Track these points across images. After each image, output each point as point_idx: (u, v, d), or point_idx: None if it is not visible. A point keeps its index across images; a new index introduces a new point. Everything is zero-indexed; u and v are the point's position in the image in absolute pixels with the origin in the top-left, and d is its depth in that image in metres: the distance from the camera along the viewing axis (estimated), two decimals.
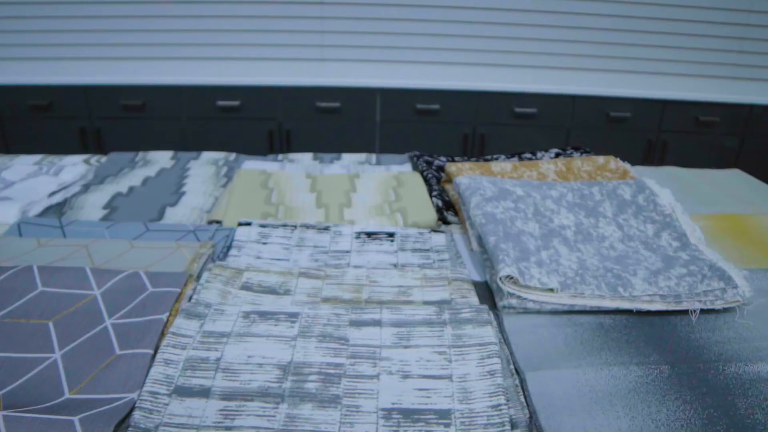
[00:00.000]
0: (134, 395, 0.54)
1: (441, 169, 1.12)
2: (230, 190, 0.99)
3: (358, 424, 0.52)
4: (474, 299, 0.70)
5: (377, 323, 0.63)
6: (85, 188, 1.04)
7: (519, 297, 0.69)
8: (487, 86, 1.98)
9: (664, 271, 0.74)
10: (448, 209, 0.96)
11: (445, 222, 0.93)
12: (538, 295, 0.69)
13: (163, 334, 0.62)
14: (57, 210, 0.96)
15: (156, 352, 0.59)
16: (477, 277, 0.78)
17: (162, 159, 1.19)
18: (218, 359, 0.58)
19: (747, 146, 1.97)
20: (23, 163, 1.18)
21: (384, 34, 2.21)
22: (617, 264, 0.77)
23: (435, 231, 0.88)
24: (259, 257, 0.80)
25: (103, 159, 1.21)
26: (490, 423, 0.51)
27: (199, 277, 0.75)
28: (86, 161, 1.20)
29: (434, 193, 0.98)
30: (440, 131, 2.05)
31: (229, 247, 0.83)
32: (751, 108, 1.91)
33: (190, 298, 0.69)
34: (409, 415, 0.53)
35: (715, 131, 1.94)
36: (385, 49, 2.20)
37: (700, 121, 1.94)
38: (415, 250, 0.83)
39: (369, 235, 0.86)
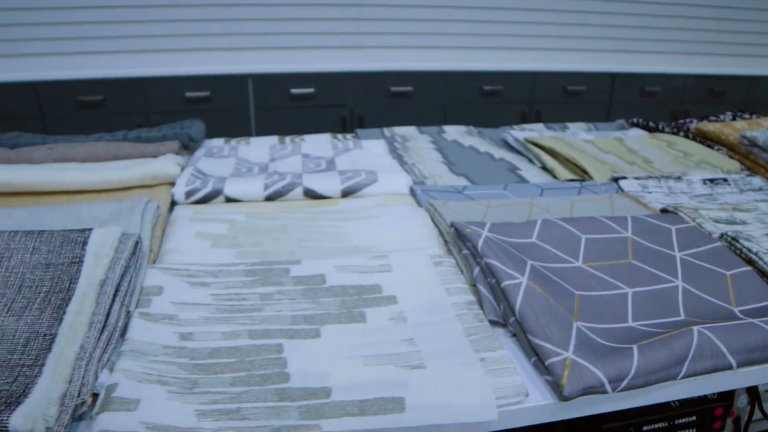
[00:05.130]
0: None
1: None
2: (543, 152, 1.04)
3: None
4: None
5: None
6: (400, 159, 1.02)
7: None
8: (543, 67, 2.17)
9: None
10: None
11: None
12: None
13: None
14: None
15: None
16: None
17: (412, 133, 1.19)
18: None
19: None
20: (265, 144, 1.10)
21: (451, 22, 2.31)
22: None
23: (749, 175, 1.03)
24: (661, 203, 0.89)
25: (349, 136, 1.17)
26: None
27: None
28: (334, 136, 1.15)
29: (715, 148, 1.13)
30: (502, 110, 2.19)
31: None
32: (752, 79, 2.35)
33: None
34: None
35: (725, 99, 2.34)
36: (455, 35, 2.29)
37: (714, 91, 2.33)
38: (753, 190, 0.98)
39: (711, 181, 0.99)
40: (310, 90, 2.02)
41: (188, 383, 0.48)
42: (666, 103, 2.30)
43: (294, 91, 2.01)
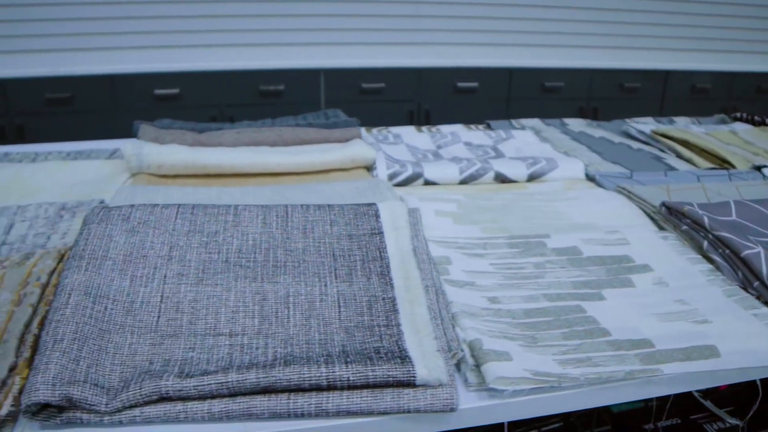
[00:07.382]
0: None
1: None
2: (676, 143, 1.12)
3: None
4: None
5: None
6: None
7: None
8: (600, 64, 2.26)
9: None
10: None
11: None
12: None
13: None
14: None
15: None
16: None
17: (539, 125, 1.26)
18: None
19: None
20: (408, 133, 1.16)
21: (516, 20, 2.40)
22: None
23: None
24: None
25: (480, 126, 1.23)
26: None
27: None
28: (467, 126, 1.22)
29: None
30: (561, 106, 2.27)
31: None
32: None
33: None
34: None
35: (764, 96, 2.47)
36: (518, 33, 2.37)
37: (761, 88, 2.45)
38: None
39: None
40: (381, 85, 2.08)
41: (529, 339, 0.54)
42: (715, 99, 2.41)
43: (365, 85, 2.07)
